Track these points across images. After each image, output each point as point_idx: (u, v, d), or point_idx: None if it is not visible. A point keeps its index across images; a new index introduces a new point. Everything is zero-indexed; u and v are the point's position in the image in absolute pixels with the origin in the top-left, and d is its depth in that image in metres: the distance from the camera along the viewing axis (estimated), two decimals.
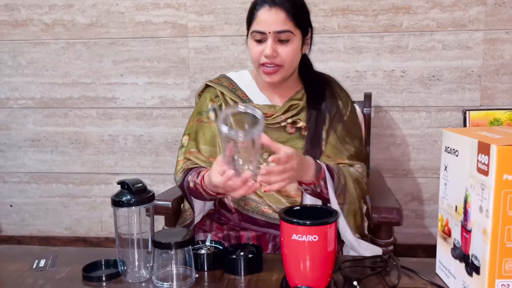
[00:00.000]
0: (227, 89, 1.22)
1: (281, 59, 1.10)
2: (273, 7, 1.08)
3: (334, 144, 1.16)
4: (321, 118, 1.17)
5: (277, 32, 1.08)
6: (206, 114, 1.23)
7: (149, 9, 2.09)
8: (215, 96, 1.24)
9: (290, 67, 1.13)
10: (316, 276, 0.81)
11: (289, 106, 1.17)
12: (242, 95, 1.22)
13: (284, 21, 1.08)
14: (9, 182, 2.33)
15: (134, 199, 0.89)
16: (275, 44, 1.09)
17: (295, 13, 1.09)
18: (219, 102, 1.23)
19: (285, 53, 1.10)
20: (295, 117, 1.18)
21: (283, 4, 1.08)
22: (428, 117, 2.00)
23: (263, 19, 1.09)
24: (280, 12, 1.08)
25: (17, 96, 2.24)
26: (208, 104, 1.24)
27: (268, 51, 1.08)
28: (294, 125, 1.18)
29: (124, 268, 0.92)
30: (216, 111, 1.22)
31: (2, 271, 0.98)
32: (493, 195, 0.70)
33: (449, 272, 0.86)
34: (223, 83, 1.25)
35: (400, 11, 1.94)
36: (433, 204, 2.07)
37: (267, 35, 1.09)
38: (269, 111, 1.18)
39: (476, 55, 1.93)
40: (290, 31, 1.09)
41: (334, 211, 0.84)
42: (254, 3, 1.13)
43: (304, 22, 1.14)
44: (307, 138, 1.17)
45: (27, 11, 2.16)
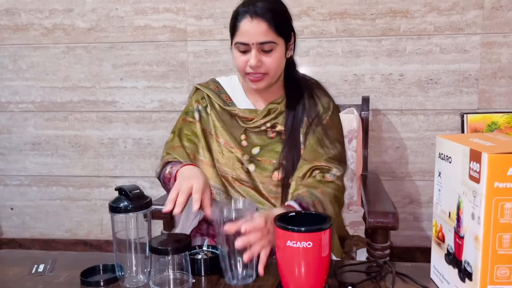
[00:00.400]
0: (213, 92, 1.26)
1: (265, 67, 1.12)
2: (255, 18, 1.09)
3: (312, 147, 1.17)
4: (298, 121, 1.18)
5: (259, 43, 1.10)
6: (191, 114, 1.27)
7: (148, 13, 2.10)
8: (201, 97, 1.28)
9: (275, 74, 1.15)
10: (311, 282, 0.82)
11: (268, 110, 1.19)
12: (226, 98, 1.25)
13: (266, 32, 1.09)
14: (10, 185, 2.35)
15: (132, 205, 0.90)
16: (259, 54, 1.11)
17: (276, 22, 1.10)
18: (204, 103, 1.27)
19: (269, 62, 1.12)
20: (274, 121, 1.20)
21: (264, 14, 1.09)
22: (426, 120, 2.01)
23: (245, 30, 1.10)
24: (261, 23, 1.09)
25: (18, 100, 2.26)
26: (194, 105, 1.28)
27: (253, 61, 1.10)
28: (274, 129, 1.19)
29: (122, 273, 0.93)
30: (200, 112, 1.26)
31: (2, 275, 0.99)
32: (484, 202, 0.71)
33: (443, 277, 0.87)
34: (210, 86, 1.29)
35: (398, 15, 1.95)
36: (431, 207, 2.06)
37: (251, 46, 1.11)
38: (250, 116, 1.20)
39: (474, 58, 1.94)
40: (273, 41, 1.10)
41: (328, 217, 0.85)
42: (235, 13, 1.14)
43: (286, 29, 1.15)
44: (284, 141, 1.18)
45: (28, 15, 2.18)
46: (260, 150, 1.19)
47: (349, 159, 1.74)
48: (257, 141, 1.20)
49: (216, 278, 0.93)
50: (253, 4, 1.10)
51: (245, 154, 1.20)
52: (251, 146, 1.20)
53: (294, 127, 1.17)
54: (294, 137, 1.17)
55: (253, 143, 1.20)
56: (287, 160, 1.17)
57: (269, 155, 1.19)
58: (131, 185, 0.93)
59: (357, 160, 1.75)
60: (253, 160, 1.19)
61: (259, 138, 1.20)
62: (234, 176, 1.20)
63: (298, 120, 1.18)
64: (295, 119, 1.18)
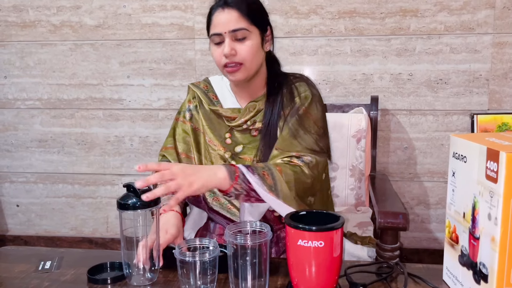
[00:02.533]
0: (201, 91, 1.28)
1: (240, 56, 1.12)
2: (226, 8, 1.11)
3: (284, 138, 1.15)
4: (276, 117, 1.18)
5: (232, 31, 1.10)
6: (183, 114, 1.29)
7: (156, 11, 2.09)
8: (193, 97, 1.30)
9: (251, 64, 1.14)
10: (321, 282, 0.81)
11: (247, 108, 1.19)
12: (212, 97, 1.27)
13: (237, 20, 1.10)
14: (16, 182, 2.34)
15: (140, 202, 0.89)
16: (233, 43, 1.11)
17: (248, 11, 1.12)
18: (195, 102, 1.28)
19: (243, 50, 1.12)
20: (253, 119, 1.19)
21: (236, 4, 1.11)
22: (435, 120, 1.99)
23: (217, 21, 1.12)
24: (233, 12, 1.11)
25: (25, 97, 2.26)
26: (186, 105, 1.29)
27: (226, 49, 1.10)
28: (253, 126, 1.19)
29: (129, 271, 0.92)
30: (191, 111, 1.27)
31: (8, 272, 0.98)
32: (502, 202, 0.69)
33: (456, 279, 0.85)
34: (200, 85, 1.31)
35: (408, 14, 1.93)
36: (440, 208, 2.05)
37: (224, 36, 1.11)
38: (232, 115, 1.21)
39: (484, 58, 1.92)
40: (245, 28, 1.11)
41: (340, 217, 0.83)
42: (210, 10, 1.16)
43: (259, 19, 1.15)
44: (261, 137, 1.18)
45: (35, 12, 2.17)
46: (243, 148, 1.20)
47: (358, 158, 1.72)
48: (241, 140, 1.21)
49: (225, 277, 0.92)
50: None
51: (228, 151, 1.21)
52: (235, 144, 1.21)
53: (272, 123, 1.17)
54: (272, 133, 1.17)
55: (237, 142, 1.21)
56: (264, 156, 1.17)
57: (250, 152, 1.19)
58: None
59: (365, 160, 1.74)
60: (234, 158, 1.20)
61: (243, 137, 1.21)
62: None
63: (275, 115, 1.18)
64: (272, 115, 1.18)
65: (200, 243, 0.89)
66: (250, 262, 0.84)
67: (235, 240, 0.83)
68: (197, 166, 1.12)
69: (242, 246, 0.83)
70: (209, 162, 1.22)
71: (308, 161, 1.12)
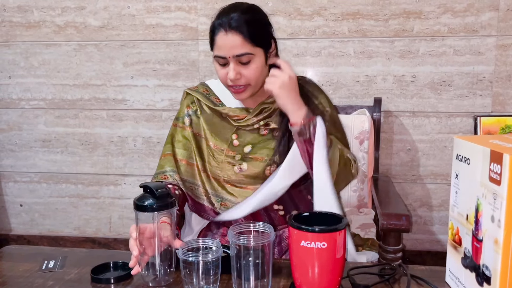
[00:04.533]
0: (202, 95, 1.26)
1: (246, 79, 1.12)
2: (229, 31, 1.08)
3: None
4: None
5: (236, 56, 1.09)
6: (182, 120, 1.27)
7: (160, 12, 2.10)
8: (191, 102, 1.28)
9: (257, 84, 1.15)
10: (324, 283, 0.81)
11: (261, 109, 1.19)
12: (215, 100, 1.26)
13: (241, 45, 1.08)
14: (19, 181, 2.35)
15: (157, 203, 0.89)
16: (238, 66, 1.10)
17: (251, 34, 1.09)
18: (194, 107, 1.27)
19: (248, 73, 1.11)
20: (267, 119, 1.19)
21: (238, 27, 1.08)
22: (438, 122, 1.99)
23: (221, 44, 1.10)
24: (236, 36, 1.08)
25: (29, 97, 2.27)
26: (184, 110, 1.28)
27: (231, 74, 1.10)
28: (267, 127, 1.19)
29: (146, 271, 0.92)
30: (191, 116, 1.26)
31: (12, 271, 0.99)
32: (505, 205, 0.70)
33: (459, 281, 0.85)
34: (199, 89, 1.29)
35: (411, 16, 1.93)
36: (442, 210, 2.05)
37: (228, 60, 1.10)
38: (241, 114, 1.20)
39: (488, 60, 1.91)
40: (249, 52, 1.09)
41: (343, 218, 0.84)
42: (212, 26, 1.14)
43: (263, 39, 1.13)
44: (278, 139, 1.18)
45: (40, 13, 2.19)
46: (252, 148, 1.19)
47: (360, 160, 1.72)
48: (249, 139, 1.20)
49: (227, 277, 0.92)
50: (227, 16, 1.09)
51: (237, 154, 1.20)
52: (243, 144, 1.20)
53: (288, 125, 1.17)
54: (288, 134, 1.17)
55: (244, 142, 1.20)
56: (280, 155, 1.17)
57: (261, 152, 1.19)
58: (156, 183, 0.92)
59: (368, 162, 1.74)
60: (245, 159, 1.19)
61: (251, 136, 1.20)
62: (226, 178, 1.20)
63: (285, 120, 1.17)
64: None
65: (203, 244, 0.89)
66: (253, 263, 0.84)
67: (238, 240, 0.83)
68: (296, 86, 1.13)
69: (245, 247, 0.83)
70: (214, 168, 1.21)
71: (354, 159, 1.17)
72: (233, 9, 1.11)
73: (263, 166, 1.18)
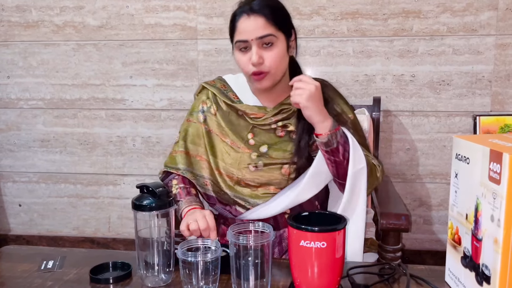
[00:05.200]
0: (219, 91, 1.25)
1: (268, 64, 1.11)
2: (251, 14, 1.09)
3: None
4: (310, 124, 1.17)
5: (259, 37, 1.09)
6: (196, 115, 1.26)
7: (158, 11, 2.10)
8: (207, 97, 1.27)
9: (277, 71, 1.14)
10: (323, 283, 0.81)
11: (280, 110, 1.18)
12: (233, 97, 1.24)
13: (264, 26, 1.09)
14: (18, 182, 2.35)
15: (156, 203, 0.89)
16: (260, 50, 1.10)
17: (274, 16, 1.10)
18: (209, 103, 1.25)
19: (271, 57, 1.11)
20: (286, 121, 1.19)
21: (261, 10, 1.09)
22: (437, 122, 1.99)
23: (243, 27, 1.10)
24: (259, 18, 1.09)
25: (28, 97, 2.26)
26: (199, 106, 1.27)
27: (254, 58, 1.09)
28: (285, 129, 1.19)
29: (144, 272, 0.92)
30: (205, 112, 1.25)
31: (11, 271, 0.99)
32: (505, 204, 0.69)
33: (458, 280, 0.85)
34: (216, 84, 1.27)
35: (410, 15, 1.93)
36: (442, 210, 2.05)
37: (250, 43, 1.10)
38: (259, 112, 1.19)
39: (487, 60, 1.91)
40: (272, 34, 1.10)
41: (342, 218, 0.84)
42: (233, 15, 1.14)
43: (285, 24, 1.14)
44: (295, 142, 1.18)
45: (38, 12, 2.18)
46: (268, 149, 1.18)
47: None
48: (265, 139, 1.19)
49: (227, 277, 0.92)
50: (248, 3, 1.11)
51: (253, 152, 1.19)
52: (259, 144, 1.19)
53: (307, 129, 1.16)
54: (305, 138, 1.16)
55: (260, 141, 1.19)
56: (298, 157, 1.16)
57: (278, 153, 1.18)
58: (155, 182, 0.92)
59: None
60: (261, 158, 1.18)
61: (267, 136, 1.19)
62: (240, 176, 1.18)
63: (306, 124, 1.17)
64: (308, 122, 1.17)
65: (203, 243, 0.89)
66: (252, 263, 0.84)
67: (238, 240, 0.83)
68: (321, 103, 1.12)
69: (245, 247, 0.83)
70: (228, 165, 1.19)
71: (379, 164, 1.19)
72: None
73: (279, 167, 1.17)
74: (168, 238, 0.94)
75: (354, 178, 1.11)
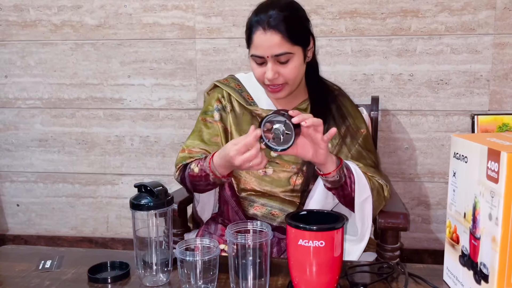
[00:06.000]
0: (234, 90, 1.22)
1: (284, 78, 1.09)
2: (268, 30, 1.05)
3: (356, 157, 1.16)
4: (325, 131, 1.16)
5: (275, 55, 1.06)
6: (211, 114, 1.23)
7: (156, 10, 2.09)
8: (221, 96, 1.24)
9: (294, 82, 1.12)
10: (322, 282, 0.81)
11: None
12: (248, 97, 1.21)
13: (280, 44, 1.05)
14: (16, 181, 2.34)
15: (154, 202, 0.88)
16: (275, 66, 1.08)
17: (290, 32, 1.06)
18: (224, 102, 1.23)
19: (287, 72, 1.08)
20: None
21: (277, 26, 1.05)
22: (435, 121, 1.99)
23: (259, 43, 1.07)
24: (275, 35, 1.05)
25: (25, 96, 2.26)
26: (214, 104, 1.24)
27: (269, 75, 1.07)
28: None
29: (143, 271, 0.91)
30: (220, 111, 1.22)
31: (9, 271, 0.98)
32: (503, 202, 0.70)
33: (457, 279, 0.85)
34: (230, 83, 1.24)
35: (409, 15, 1.93)
36: (440, 208, 2.05)
37: (266, 59, 1.08)
38: None
39: (485, 59, 1.92)
40: (288, 52, 1.07)
41: (341, 216, 0.84)
42: (249, 23, 1.10)
43: (302, 36, 1.10)
44: None
45: (36, 11, 2.17)
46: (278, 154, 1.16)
47: None
48: None
49: (225, 276, 0.91)
50: (265, 13, 1.06)
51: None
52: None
53: None
54: None
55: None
56: (308, 166, 1.14)
57: (288, 158, 1.16)
58: (153, 182, 0.92)
59: None
60: (271, 163, 1.17)
61: None
62: (247, 179, 1.17)
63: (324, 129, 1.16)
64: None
65: (201, 243, 0.89)
66: (251, 262, 0.84)
67: (236, 239, 0.83)
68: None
69: (243, 246, 0.83)
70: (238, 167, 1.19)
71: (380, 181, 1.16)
72: (271, 6, 1.07)
73: (289, 175, 1.16)
74: (166, 237, 0.94)
75: (360, 208, 1.09)
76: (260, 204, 1.18)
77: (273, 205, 1.18)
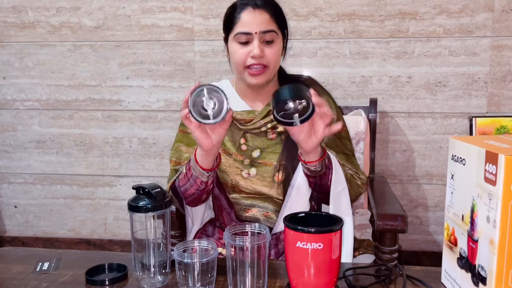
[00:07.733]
0: None
1: (267, 59, 1.11)
2: (257, 8, 1.10)
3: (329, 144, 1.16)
4: None
5: (262, 32, 1.10)
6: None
7: (155, 12, 2.09)
8: None
9: (274, 68, 1.15)
10: (320, 284, 0.80)
11: (268, 111, 1.17)
12: None
13: (268, 22, 1.10)
14: (14, 183, 2.34)
15: (152, 204, 0.88)
16: (261, 44, 1.11)
17: (277, 14, 1.13)
18: None
19: (271, 53, 1.11)
20: (274, 122, 1.17)
21: (266, 6, 1.11)
22: (433, 123, 1.99)
23: (247, 20, 1.10)
24: (264, 13, 1.10)
25: (24, 98, 2.25)
26: None
27: (256, 51, 1.09)
28: (274, 130, 1.18)
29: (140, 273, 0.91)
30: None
31: (6, 273, 0.98)
32: (500, 205, 0.70)
33: (455, 281, 0.85)
34: None
35: (407, 17, 1.94)
36: (438, 211, 2.05)
37: (253, 36, 1.10)
38: (248, 117, 1.18)
39: (483, 61, 1.92)
40: (275, 31, 1.12)
41: (339, 219, 0.83)
42: (233, 7, 1.14)
43: (284, 24, 1.17)
44: (284, 142, 1.17)
45: (35, 13, 2.17)
46: (261, 153, 1.18)
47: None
48: (257, 144, 1.18)
49: (223, 278, 0.91)
50: None
51: (246, 158, 1.18)
52: (251, 149, 1.18)
53: None
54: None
55: (253, 146, 1.18)
56: (287, 160, 1.15)
57: (270, 156, 1.17)
58: (151, 184, 0.91)
59: (364, 163, 1.74)
60: (254, 164, 1.18)
61: (258, 140, 1.19)
62: (234, 182, 1.18)
63: None
64: None
65: (199, 245, 0.89)
66: (249, 264, 0.84)
67: (234, 241, 0.83)
68: None
69: (241, 248, 0.83)
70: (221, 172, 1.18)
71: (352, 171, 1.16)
72: None
73: (272, 172, 1.16)
74: (164, 239, 0.93)
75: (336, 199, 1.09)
76: (251, 206, 1.18)
77: (268, 207, 1.18)
